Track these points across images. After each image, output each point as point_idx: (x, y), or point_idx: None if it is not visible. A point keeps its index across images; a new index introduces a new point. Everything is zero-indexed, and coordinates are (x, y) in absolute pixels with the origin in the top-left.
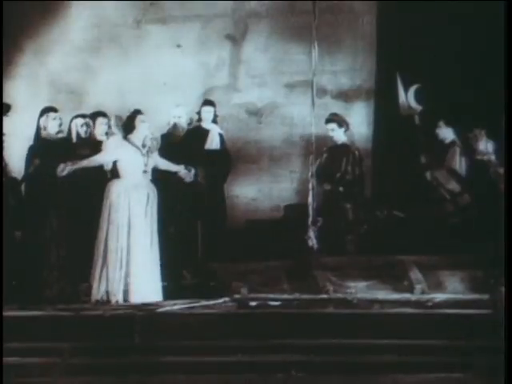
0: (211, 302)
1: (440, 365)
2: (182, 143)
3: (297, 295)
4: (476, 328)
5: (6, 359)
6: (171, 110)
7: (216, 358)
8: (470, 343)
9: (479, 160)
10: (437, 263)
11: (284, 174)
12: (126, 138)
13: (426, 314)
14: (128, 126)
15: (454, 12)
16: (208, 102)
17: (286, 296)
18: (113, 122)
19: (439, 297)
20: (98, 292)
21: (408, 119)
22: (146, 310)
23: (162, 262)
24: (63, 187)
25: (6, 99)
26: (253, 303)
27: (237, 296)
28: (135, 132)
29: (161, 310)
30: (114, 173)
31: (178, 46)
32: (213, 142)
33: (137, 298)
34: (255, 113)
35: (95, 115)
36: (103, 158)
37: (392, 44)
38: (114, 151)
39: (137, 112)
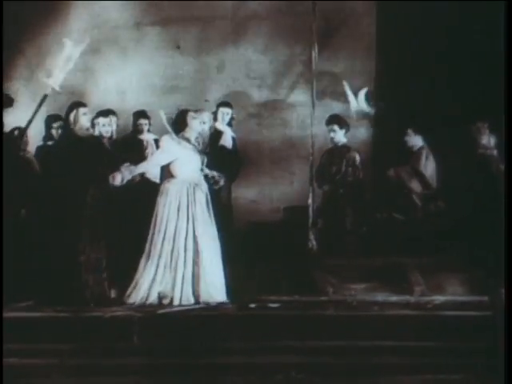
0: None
1: (439, 366)
2: None
3: (296, 297)
4: (476, 330)
5: (6, 360)
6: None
7: (215, 359)
8: (470, 345)
9: (481, 154)
10: (436, 265)
11: (284, 175)
12: (179, 135)
13: (426, 315)
14: (179, 123)
15: (453, 12)
16: (226, 104)
17: (285, 298)
18: (164, 120)
19: (439, 299)
20: (148, 294)
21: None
22: (145, 312)
23: (224, 260)
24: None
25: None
26: (252, 305)
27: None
28: (188, 129)
29: (160, 311)
30: (166, 173)
31: (178, 47)
32: (225, 145)
33: (205, 297)
34: (255, 114)
35: (105, 113)
36: (163, 159)
37: (392, 45)
38: (173, 150)
39: (186, 110)
